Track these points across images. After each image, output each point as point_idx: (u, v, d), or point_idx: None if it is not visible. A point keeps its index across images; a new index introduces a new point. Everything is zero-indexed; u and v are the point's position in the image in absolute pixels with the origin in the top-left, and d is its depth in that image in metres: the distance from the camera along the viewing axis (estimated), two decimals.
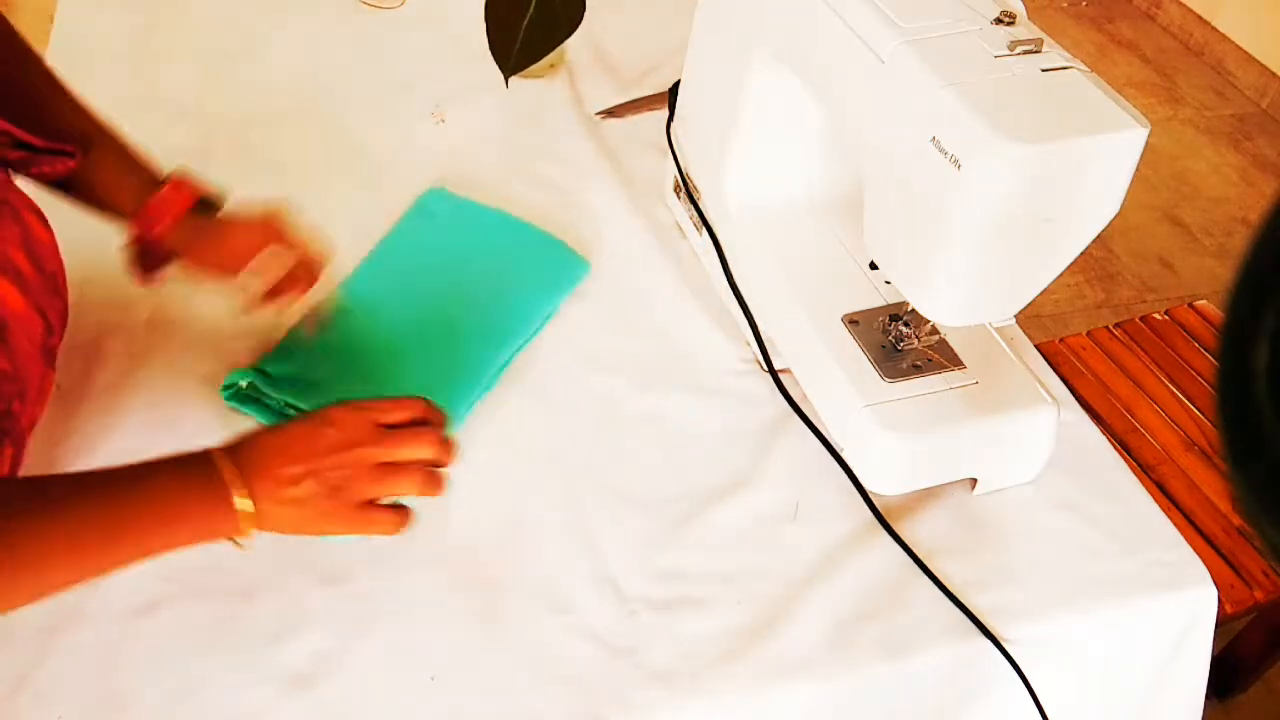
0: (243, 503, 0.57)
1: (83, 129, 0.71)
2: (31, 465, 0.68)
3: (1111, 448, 0.82)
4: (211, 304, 0.82)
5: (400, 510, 0.62)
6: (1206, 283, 2.11)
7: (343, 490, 0.59)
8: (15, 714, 0.60)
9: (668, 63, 1.12)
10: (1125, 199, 0.60)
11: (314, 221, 0.92)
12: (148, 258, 0.75)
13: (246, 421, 0.75)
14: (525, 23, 0.87)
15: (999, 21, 0.62)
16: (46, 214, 0.72)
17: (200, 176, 0.75)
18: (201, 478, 0.58)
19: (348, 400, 0.62)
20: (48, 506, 0.55)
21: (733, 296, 0.84)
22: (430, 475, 0.62)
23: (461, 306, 0.83)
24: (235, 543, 0.59)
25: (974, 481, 0.76)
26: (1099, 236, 0.62)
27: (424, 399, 0.64)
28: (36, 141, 0.64)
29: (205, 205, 0.75)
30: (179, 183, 0.73)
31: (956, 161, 0.57)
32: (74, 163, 0.68)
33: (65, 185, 0.70)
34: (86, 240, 0.76)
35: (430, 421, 0.64)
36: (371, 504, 0.60)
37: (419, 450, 0.61)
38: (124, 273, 0.83)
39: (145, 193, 0.72)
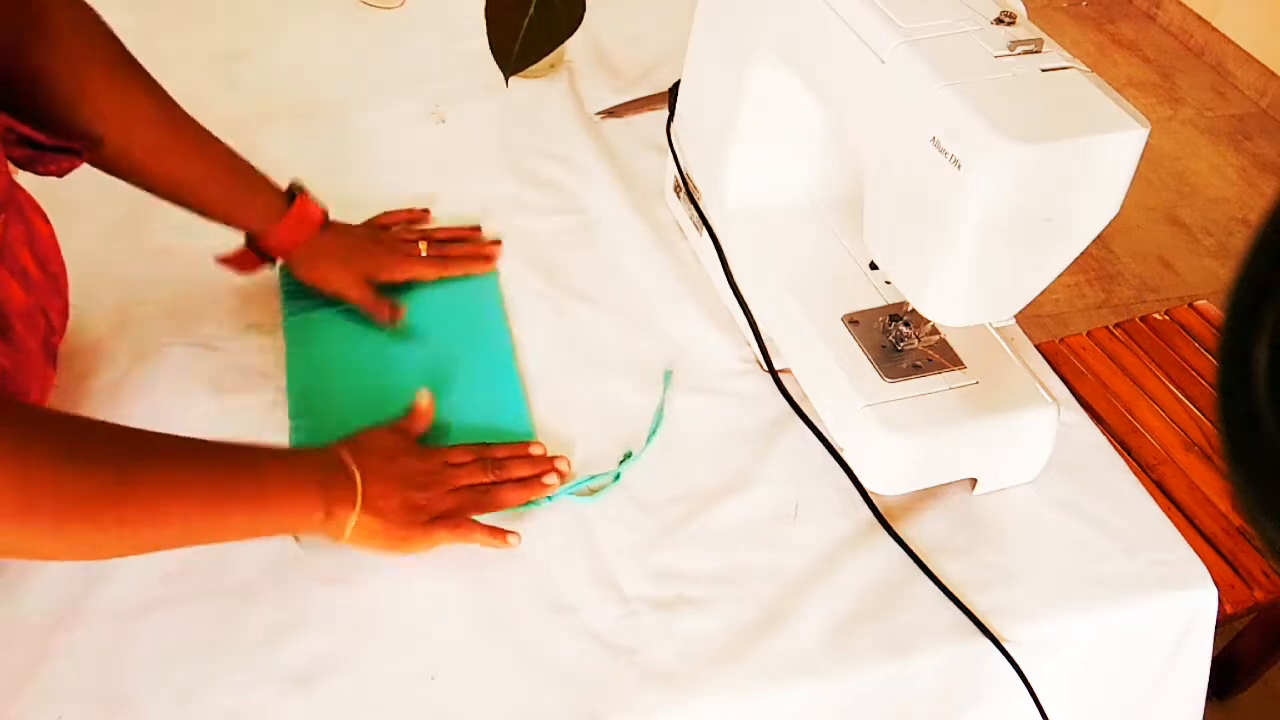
0: (350, 521, 0.64)
1: (201, 144, 0.75)
2: None
3: (1111, 448, 0.82)
4: (211, 303, 0.82)
5: (490, 531, 0.70)
6: (1206, 283, 2.11)
7: (417, 502, 0.67)
8: (15, 714, 0.60)
9: (668, 63, 1.12)
10: (1125, 199, 0.60)
11: None
12: (252, 258, 0.81)
13: (248, 416, 0.75)
14: (525, 23, 0.86)
15: (999, 21, 0.62)
16: (48, 213, 0.72)
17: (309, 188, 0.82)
18: (329, 476, 0.63)
19: (451, 447, 0.72)
20: (176, 463, 0.57)
21: (733, 296, 0.84)
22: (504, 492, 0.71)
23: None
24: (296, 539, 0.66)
25: (974, 481, 0.76)
26: (1099, 236, 0.62)
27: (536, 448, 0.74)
28: (42, 139, 0.64)
29: (328, 222, 0.83)
30: (306, 199, 0.81)
31: (956, 161, 0.57)
32: (80, 160, 0.68)
33: (179, 197, 0.75)
34: (86, 240, 0.76)
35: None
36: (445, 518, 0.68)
37: (476, 475, 0.71)
38: (123, 272, 0.84)
39: (272, 209, 0.79)
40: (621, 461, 0.76)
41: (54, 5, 0.67)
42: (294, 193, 0.81)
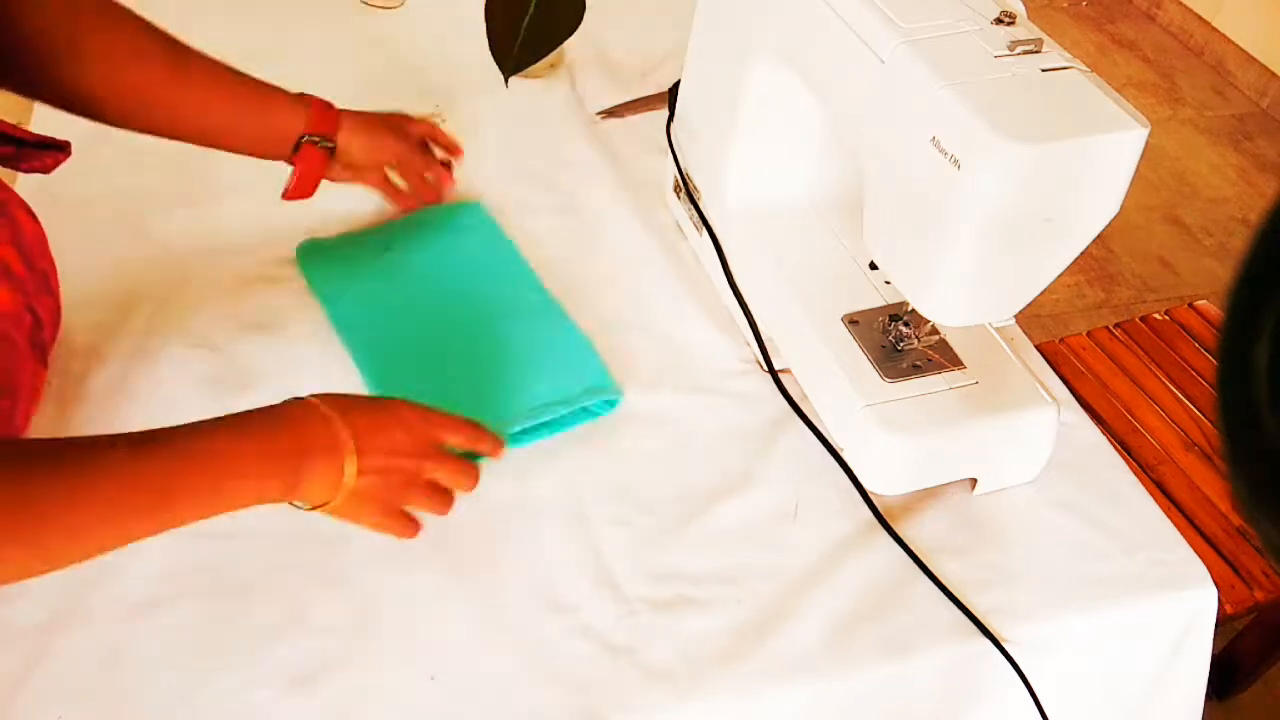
0: (349, 467, 0.60)
1: (212, 75, 0.76)
2: None
3: (1111, 448, 0.82)
4: (210, 302, 0.82)
5: (414, 522, 0.67)
6: (1206, 283, 2.11)
7: (392, 492, 0.63)
8: (15, 714, 0.60)
9: (668, 63, 1.12)
10: (1125, 199, 0.60)
11: (312, 221, 0.92)
12: (314, 158, 0.81)
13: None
14: (525, 22, 0.87)
15: (999, 21, 0.62)
16: (42, 213, 0.72)
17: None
18: (317, 439, 0.59)
19: (417, 405, 0.65)
20: (78, 465, 0.53)
21: (733, 296, 0.84)
22: (446, 497, 0.67)
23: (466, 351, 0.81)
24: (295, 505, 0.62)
25: (974, 481, 0.76)
26: (1099, 236, 0.62)
27: (478, 424, 0.68)
28: (26, 136, 0.64)
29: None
30: (319, 103, 0.82)
31: (956, 161, 0.57)
32: (65, 156, 0.68)
33: (197, 133, 0.75)
34: (83, 239, 0.76)
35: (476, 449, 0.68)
36: (402, 510, 0.65)
37: (457, 480, 0.67)
38: (120, 272, 0.84)
39: (295, 117, 0.80)
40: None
41: None
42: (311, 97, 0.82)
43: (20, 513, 0.50)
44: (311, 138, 0.80)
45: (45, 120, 0.77)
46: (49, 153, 0.67)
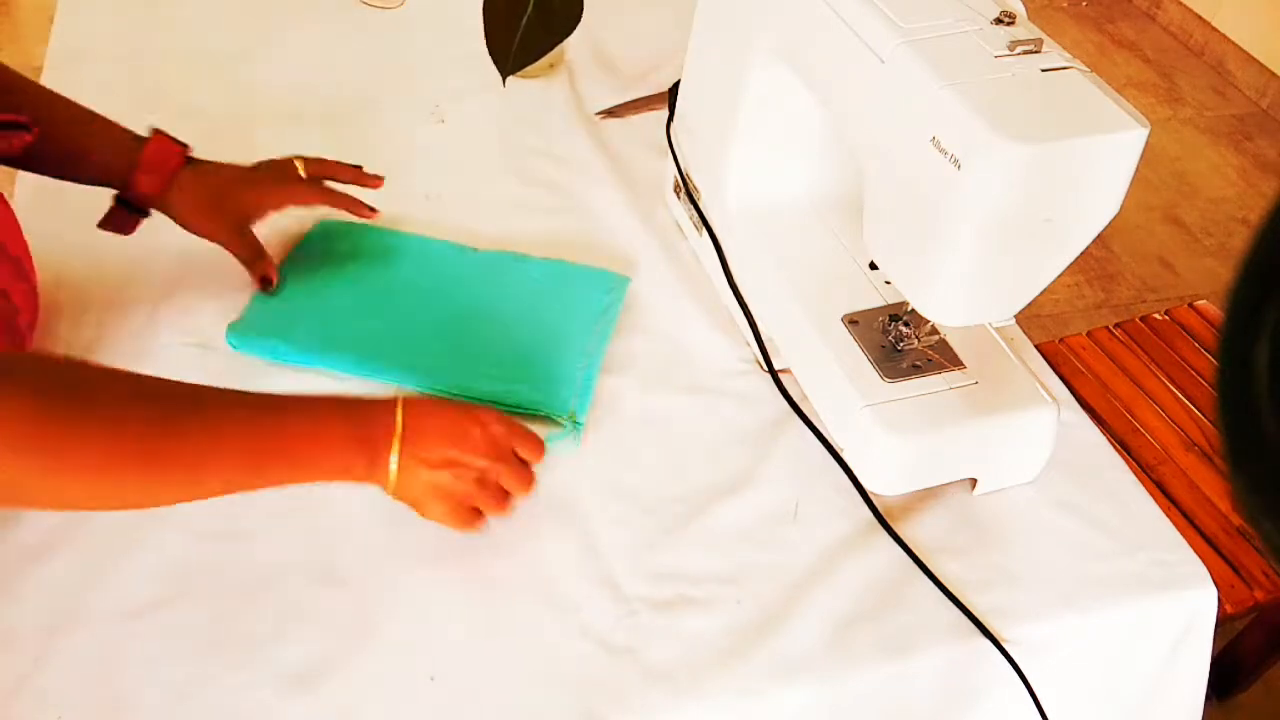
0: (393, 460, 0.63)
1: (38, 102, 0.73)
2: None
3: (1111, 448, 0.82)
4: (210, 301, 0.82)
5: (480, 517, 0.69)
6: (1206, 283, 2.11)
7: (466, 491, 0.66)
8: (15, 715, 0.60)
9: (668, 63, 1.12)
10: (1125, 199, 0.60)
11: (311, 221, 0.91)
12: (124, 214, 0.78)
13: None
14: (523, 22, 0.87)
15: (999, 21, 0.62)
16: (43, 210, 0.71)
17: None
18: (370, 425, 0.63)
19: (502, 414, 0.68)
20: (217, 413, 0.58)
21: (733, 296, 0.84)
22: (508, 498, 0.69)
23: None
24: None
25: (974, 481, 0.76)
26: (1099, 236, 0.62)
27: (540, 439, 0.70)
28: None
29: (191, 160, 0.79)
30: (163, 137, 0.77)
31: (956, 161, 0.57)
32: (30, 137, 0.68)
33: (31, 156, 0.72)
34: (85, 237, 0.76)
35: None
36: (470, 506, 0.67)
37: (521, 485, 0.68)
38: (119, 273, 0.83)
39: (123, 151, 0.76)
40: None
41: None
42: (153, 138, 0.78)
43: (160, 444, 0.55)
44: (124, 201, 0.77)
45: None
46: (15, 133, 0.67)
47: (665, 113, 0.95)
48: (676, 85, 0.93)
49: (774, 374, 0.82)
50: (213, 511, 0.70)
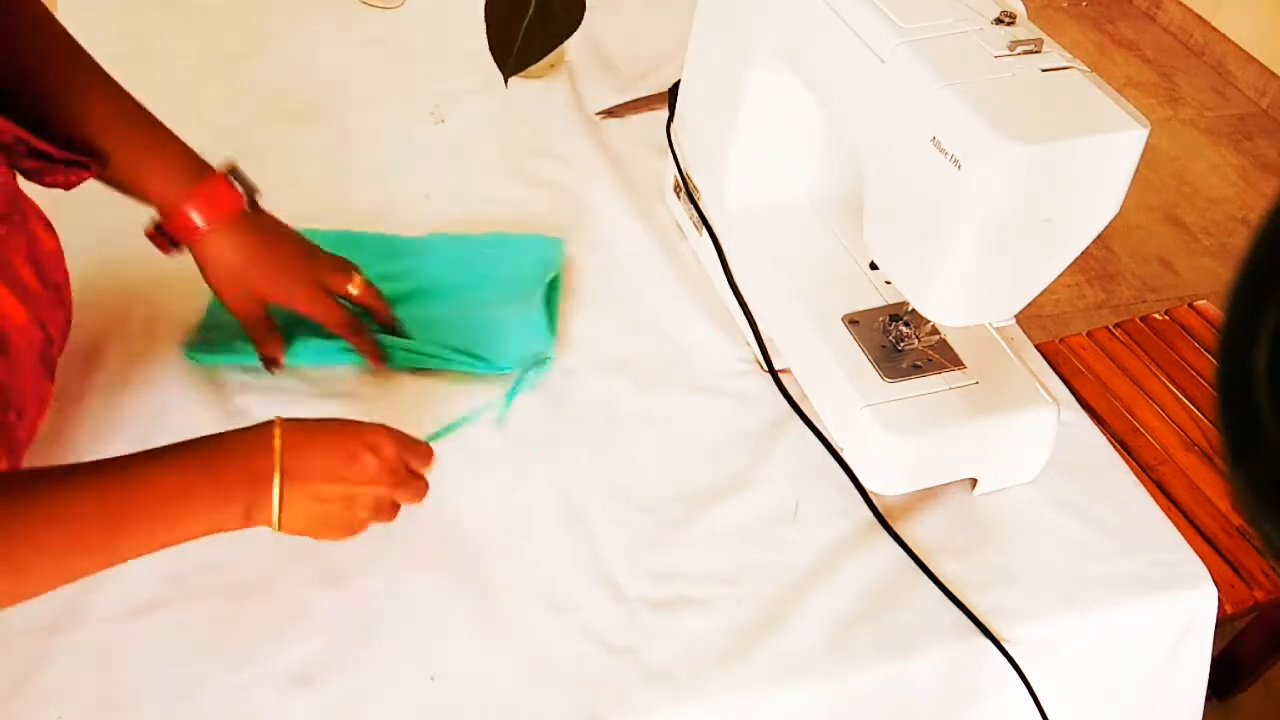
0: (275, 496, 0.58)
1: (107, 114, 0.70)
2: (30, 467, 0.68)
3: (1111, 448, 0.82)
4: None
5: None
6: (1206, 283, 2.11)
7: (360, 520, 0.63)
8: (15, 714, 0.60)
9: (668, 63, 1.12)
10: (1125, 199, 0.60)
11: (311, 221, 0.91)
12: (163, 239, 0.73)
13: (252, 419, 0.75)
14: (525, 23, 0.87)
15: (999, 21, 0.62)
16: (51, 219, 0.71)
17: (246, 174, 0.74)
18: (245, 460, 0.58)
19: (390, 429, 0.63)
20: (60, 495, 0.53)
21: (733, 296, 0.84)
22: (396, 510, 0.66)
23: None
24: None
25: (974, 481, 0.76)
26: (1099, 236, 0.62)
27: (430, 446, 0.67)
28: (54, 151, 0.64)
29: (253, 207, 0.74)
30: (220, 182, 0.71)
31: (956, 161, 0.57)
32: (90, 174, 0.67)
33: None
34: (85, 242, 0.76)
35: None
36: (364, 526, 0.64)
37: (414, 500, 0.66)
38: (121, 274, 0.83)
39: (175, 179, 0.70)
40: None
41: None
42: (221, 173, 0.72)
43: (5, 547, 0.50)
44: (161, 228, 0.71)
45: None
46: (74, 170, 0.66)
47: (665, 113, 0.95)
48: (676, 85, 0.93)
49: (774, 374, 0.82)
50: None
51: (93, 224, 0.84)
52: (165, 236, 0.72)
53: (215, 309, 0.79)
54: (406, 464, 0.64)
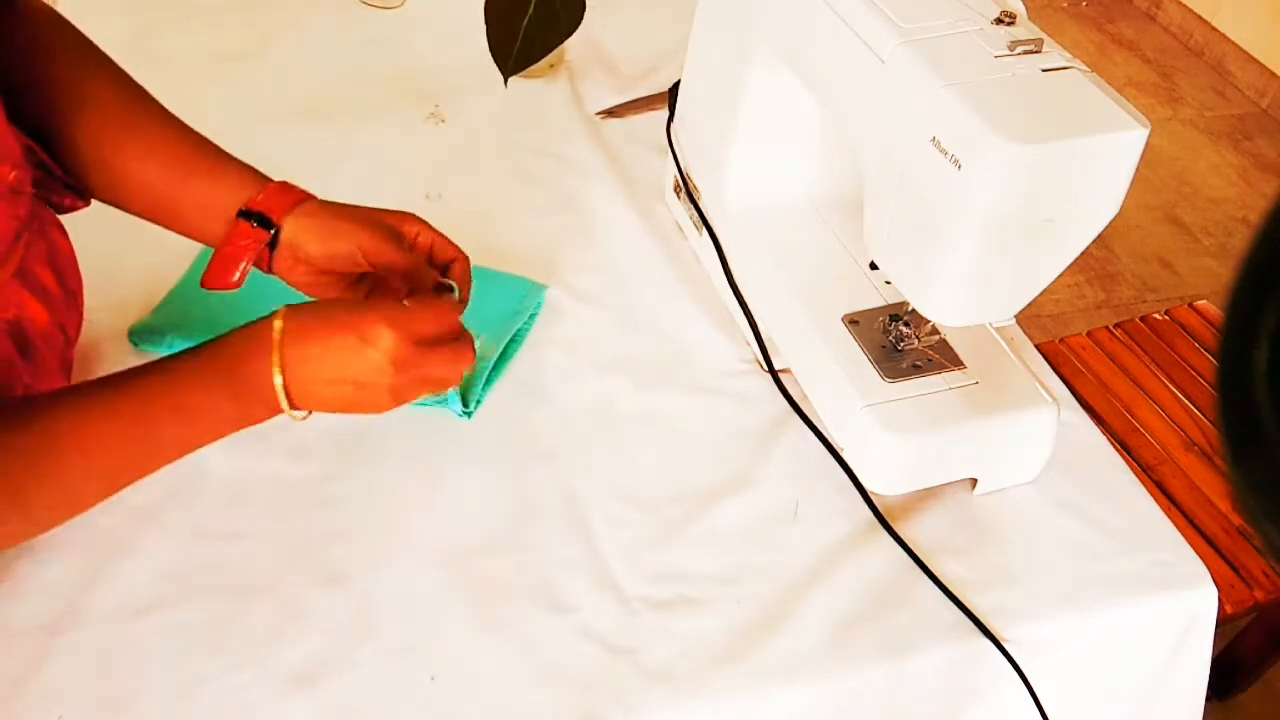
0: (278, 383, 0.58)
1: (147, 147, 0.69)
2: None
3: (1111, 448, 0.82)
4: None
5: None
6: (1206, 283, 2.12)
7: (379, 396, 0.60)
8: (15, 714, 0.60)
9: (668, 63, 1.12)
10: (1125, 199, 0.60)
11: None
12: (247, 235, 0.67)
13: None
14: (525, 23, 0.87)
15: (999, 21, 0.62)
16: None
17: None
18: (244, 363, 0.58)
19: (391, 315, 0.59)
20: (73, 416, 0.55)
21: (733, 296, 0.84)
22: (444, 384, 0.63)
23: None
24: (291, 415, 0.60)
25: (974, 481, 0.76)
26: (1099, 236, 0.62)
27: (455, 305, 0.65)
28: (54, 168, 0.64)
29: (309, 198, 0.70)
30: (280, 184, 0.69)
31: (956, 161, 0.57)
32: (84, 204, 0.68)
33: (145, 196, 0.68)
34: (90, 241, 0.76)
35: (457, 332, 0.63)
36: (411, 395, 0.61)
37: (444, 372, 0.61)
38: (122, 275, 0.83)
39: (240, 194, 0.67)
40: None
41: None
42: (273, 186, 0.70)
43: (21, 479, 0.53)
44: (247, 213, 0.66)
45: None
46: (69, 195, 0.66)
47: (665, 113, 0.95)
48: (676, 85, 0.93)
49: (774, 374, 0.82)
50: (212, 511, 0.70)
51: (99, 223, 0.84)
52: (253, 221, 0.67)
53: (173, 298, 0.80)
54: (424, 339, 0.60)
